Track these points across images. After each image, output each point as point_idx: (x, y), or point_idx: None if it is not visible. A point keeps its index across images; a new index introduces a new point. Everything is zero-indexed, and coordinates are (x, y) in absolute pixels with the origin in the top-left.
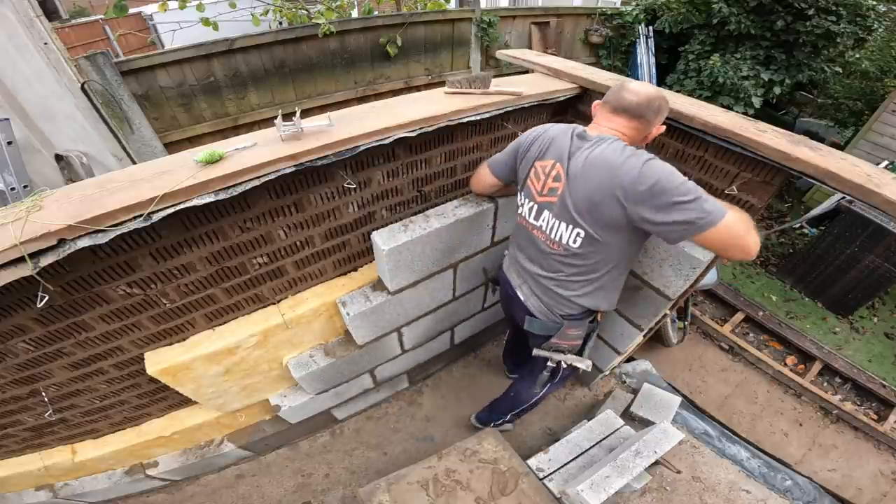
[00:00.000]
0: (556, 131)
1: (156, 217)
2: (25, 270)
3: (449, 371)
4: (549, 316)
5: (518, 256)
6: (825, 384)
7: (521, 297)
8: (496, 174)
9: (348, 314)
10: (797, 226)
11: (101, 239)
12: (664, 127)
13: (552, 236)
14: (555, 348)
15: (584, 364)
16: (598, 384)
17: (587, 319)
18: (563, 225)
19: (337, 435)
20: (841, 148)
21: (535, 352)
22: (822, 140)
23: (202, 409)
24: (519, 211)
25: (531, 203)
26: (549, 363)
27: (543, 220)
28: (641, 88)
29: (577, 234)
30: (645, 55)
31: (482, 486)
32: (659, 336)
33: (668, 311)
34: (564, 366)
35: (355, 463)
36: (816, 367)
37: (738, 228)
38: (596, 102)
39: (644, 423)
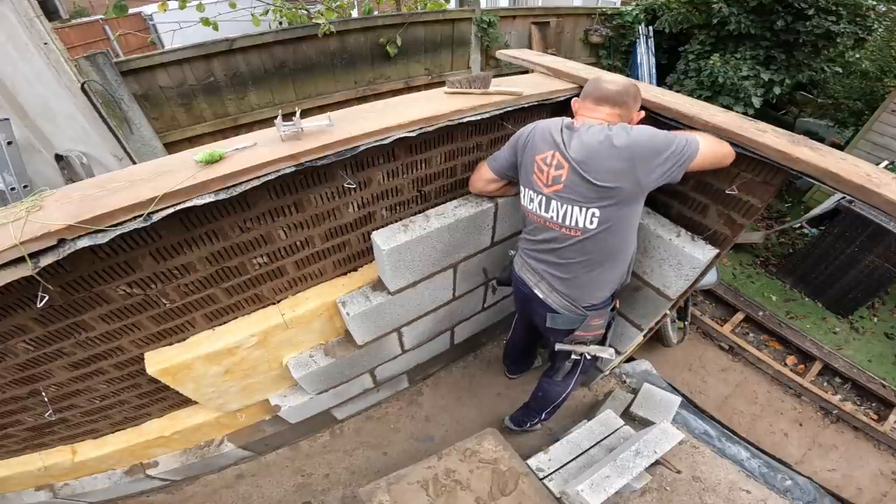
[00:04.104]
0: (547, 124)
1: (156, 217)
2: (25, 270)
3: (449, 371)
4: (572, 309)
5: (531, 254)
6: (825, 384)
7: (541, 295)
8: (495, 171)
9: (348, 314)
10: (797, 226)
11: (101, 239)
12: (643, 113)
13: (568, 223)
14: (577, 340)
15: (607, 353)
16: (598, 384)
17: (608, 307)
18: (577, 209)
19: (337, 435)
20: (841, 148)
21: (558, 346)
22: (822, 140)
23: (202, 409)
24: (529, 207)
25: (539, 196)
26: (572, 356)
27: (554, 211)
28: (617, 78)
29: (593, 215)
30: (645, 55)
31: (482, 486)
32: (659, 336)
33: (668, 311)
34: (588, 357)
35: (355, 463)
36: (816, 367)
37: (713, 145)
38: (574, 99)
39: (644, 423)
